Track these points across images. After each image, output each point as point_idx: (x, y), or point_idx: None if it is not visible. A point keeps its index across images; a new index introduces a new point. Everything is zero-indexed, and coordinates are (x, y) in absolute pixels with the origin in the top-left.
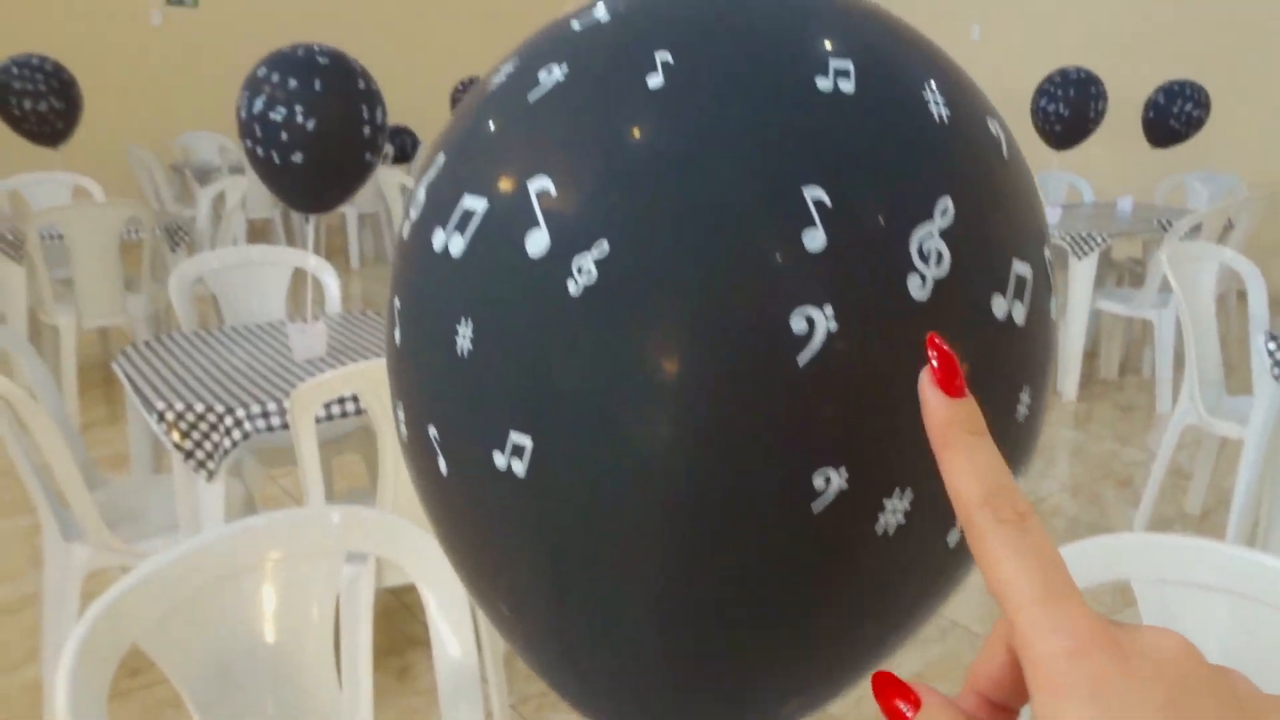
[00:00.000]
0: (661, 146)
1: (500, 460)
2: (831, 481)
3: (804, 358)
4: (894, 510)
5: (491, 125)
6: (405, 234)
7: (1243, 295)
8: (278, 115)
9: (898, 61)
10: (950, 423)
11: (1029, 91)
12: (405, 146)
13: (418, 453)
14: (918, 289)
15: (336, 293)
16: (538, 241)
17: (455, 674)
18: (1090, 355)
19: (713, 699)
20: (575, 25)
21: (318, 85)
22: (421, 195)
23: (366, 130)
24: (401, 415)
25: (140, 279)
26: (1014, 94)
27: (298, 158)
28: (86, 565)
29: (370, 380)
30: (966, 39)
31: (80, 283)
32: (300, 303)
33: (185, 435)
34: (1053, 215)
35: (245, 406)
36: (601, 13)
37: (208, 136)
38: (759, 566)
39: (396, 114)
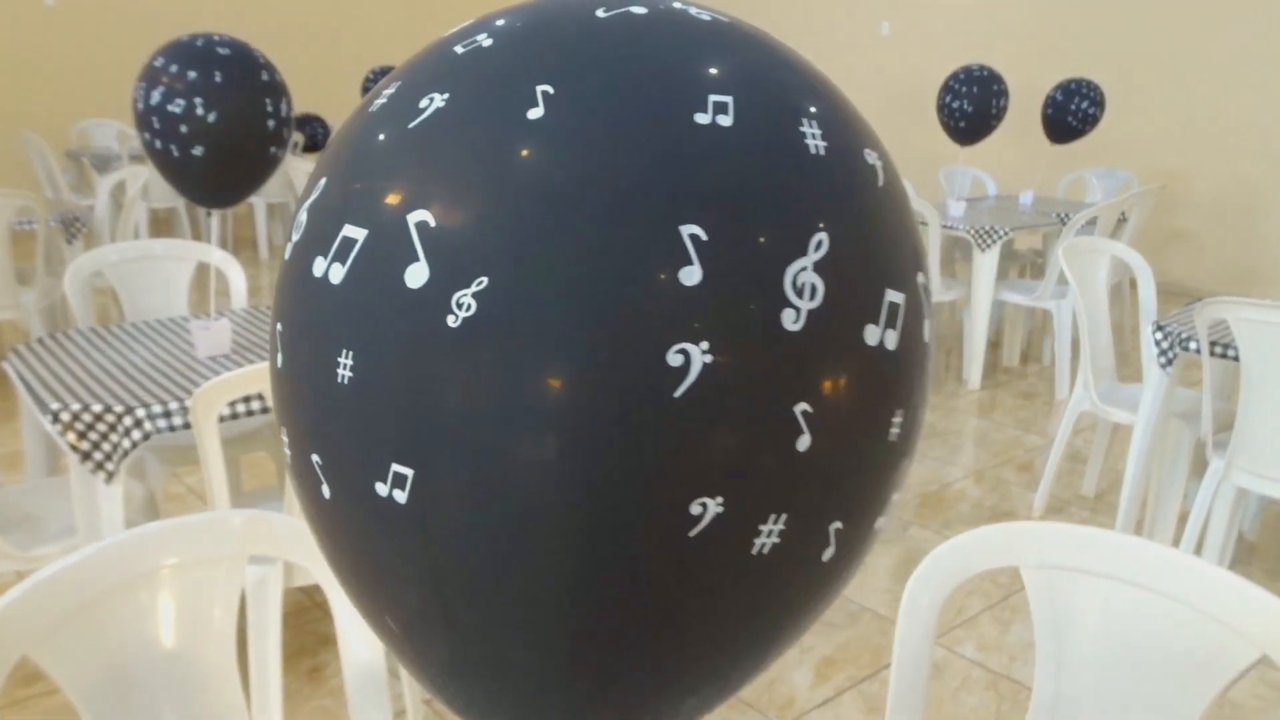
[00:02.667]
0: (541, 181)
1: (382, 489)
2: (708, 509)
3: (680, 391)
4: (769, 533)
5: (371, 153)
6: (287, 255)
7: (1136, 284)
8: (176, 108)
9: (777, 93)
10: None
11: (936, 86)
12: (315, 135)
13: (301, 477)
14: (791, 321)
15: (243, 287)
16: (417, 274)
17: (363, 674)
18: (994, 344)
19: (607, 711)
20: (458, 49)
21: (218, 77)
22: (303, 218)
23: (271, 123)
24: (285, 439)
25: (34, 272)
26: (922, 89)
27: (198, 151)
28: None
29: None
30: (877, 34)
31: None
32: (204, 297)
33: (82, 436)
34: (957, 209)
35: (146, 406)
36: (484, 38)
37: (107, 123)
38: (637, 588)
39: (307, 101)
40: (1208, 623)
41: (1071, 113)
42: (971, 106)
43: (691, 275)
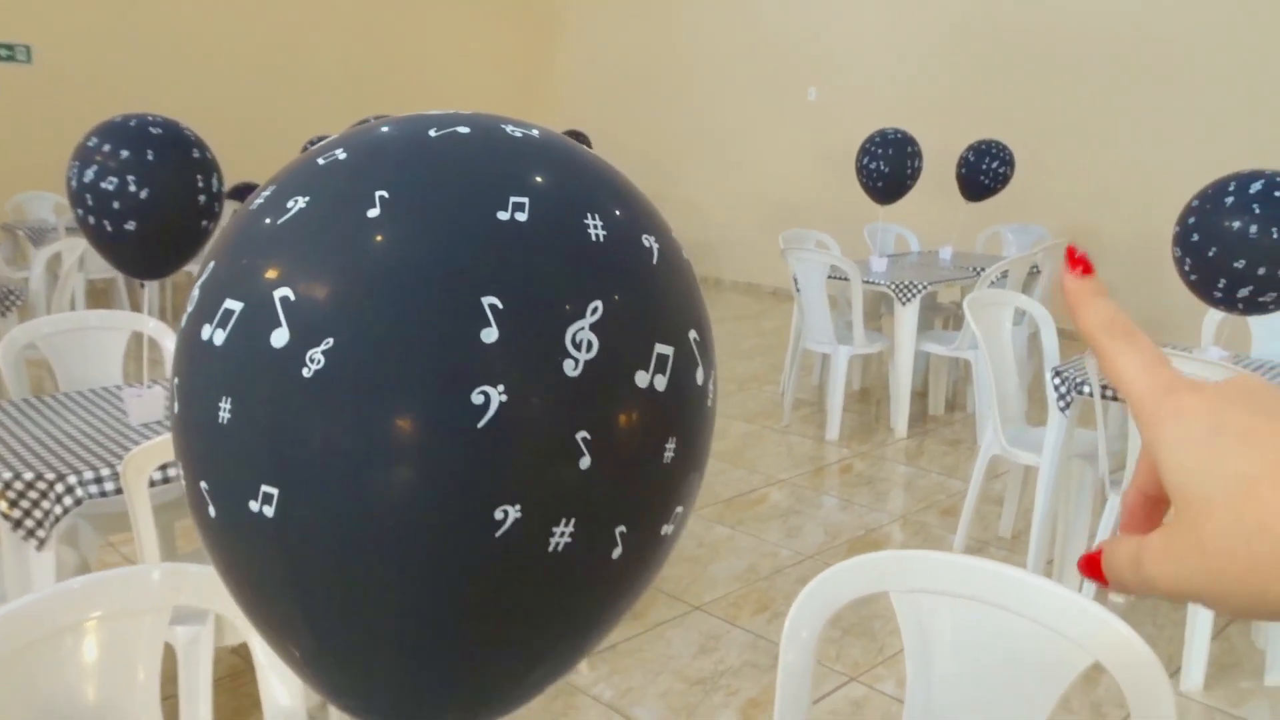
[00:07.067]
0: (374, 265)
1: (254, 506)
2: (509, 514)
3: (482, 423)
4: (561, 534)
5: (249, 242)
6: (183, 324)
7: None
8: (109, 185)
9: (567, 194)
10: (1081, 290)
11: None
12: None
13: (194, 502)
14: (571, 369)
15: None
16: (280, 337)
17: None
18: (921, 394)
19: (457, 691)
20: (320, 161)
21: (150, 155)
22: (196, 293)
23: (202, 198)
24: (181, 472)
25: None
26: (846, 151)
27: (130, 226)
28: None
29: None
30: (804, 100)
31: None
32: (139, 366)
33: (13, 504)
34: (879, 265)
35: (78, 473)
36: (340, 152)
37: (44, 196)
38: (460, 582)
39: (248, 169)
40: (1048, 634)
41: (984, 172)
42: (888, 167)
43: (490, 335)
